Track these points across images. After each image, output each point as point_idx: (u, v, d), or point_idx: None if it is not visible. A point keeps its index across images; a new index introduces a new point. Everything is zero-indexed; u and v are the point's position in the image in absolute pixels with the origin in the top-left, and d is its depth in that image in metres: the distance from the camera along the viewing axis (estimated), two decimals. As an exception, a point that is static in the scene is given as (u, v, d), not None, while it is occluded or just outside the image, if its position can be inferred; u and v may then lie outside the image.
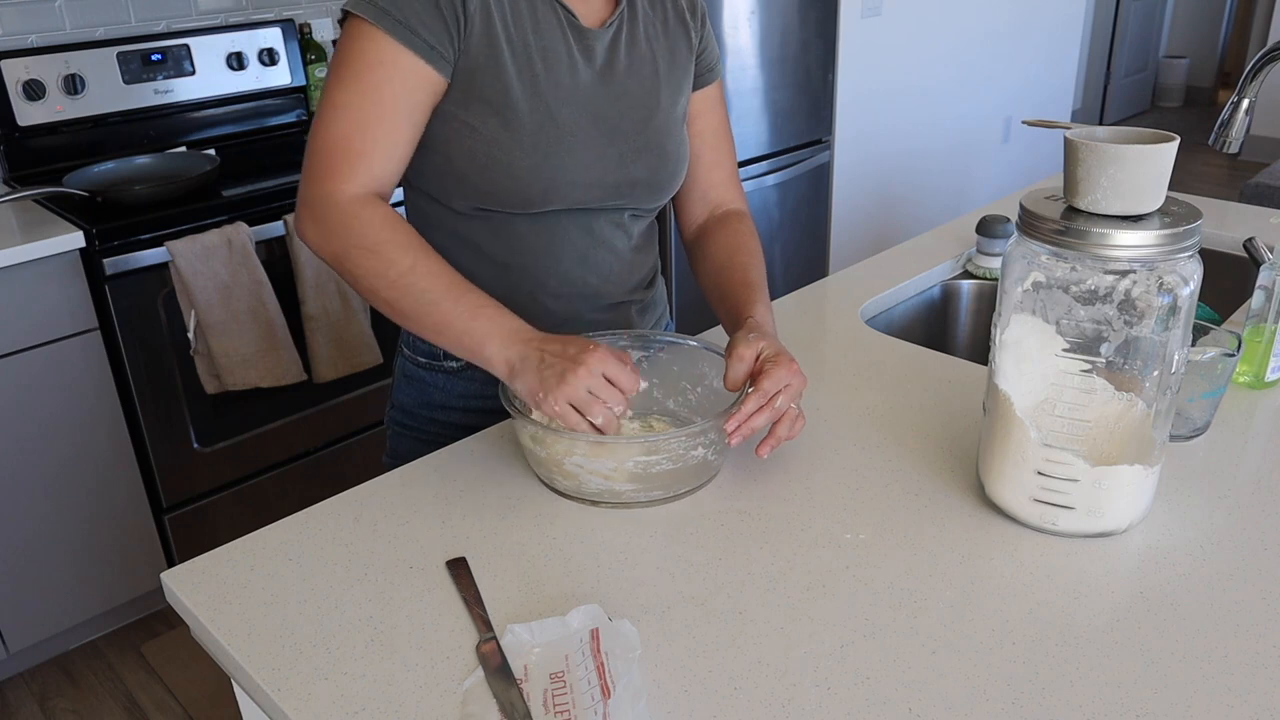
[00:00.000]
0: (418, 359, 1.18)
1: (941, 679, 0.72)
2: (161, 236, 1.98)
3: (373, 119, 0.95)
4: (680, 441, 0.90)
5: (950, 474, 0.97)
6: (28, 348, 1.91)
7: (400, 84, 0.95)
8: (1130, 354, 0.81)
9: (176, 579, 0.85)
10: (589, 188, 1.06)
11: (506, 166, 1.01)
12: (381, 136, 0.96)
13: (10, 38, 2.24)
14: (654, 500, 0.93)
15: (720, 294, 1.11)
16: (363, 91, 0.95)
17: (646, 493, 0.92)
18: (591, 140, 1.04)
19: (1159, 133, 0.78)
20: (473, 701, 0.70)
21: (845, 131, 3.46)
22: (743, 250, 1.15)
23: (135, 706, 2.05)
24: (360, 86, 0.95)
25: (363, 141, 0.95)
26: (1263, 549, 0.85)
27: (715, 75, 1.19)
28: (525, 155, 1.01)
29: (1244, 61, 6.98)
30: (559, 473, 0.92)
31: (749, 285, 1.09)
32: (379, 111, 0.95)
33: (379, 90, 0.95)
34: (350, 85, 0.95)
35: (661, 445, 0.89)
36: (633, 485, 0.91)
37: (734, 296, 1.08)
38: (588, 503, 0.93)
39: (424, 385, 1.18)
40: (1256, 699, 0.69)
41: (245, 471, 2.27)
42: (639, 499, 0.92)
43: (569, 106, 1.02)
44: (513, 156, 1.00)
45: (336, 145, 0.95)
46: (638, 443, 0.90)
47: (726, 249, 1.15)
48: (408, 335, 1.18)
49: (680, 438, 0.90)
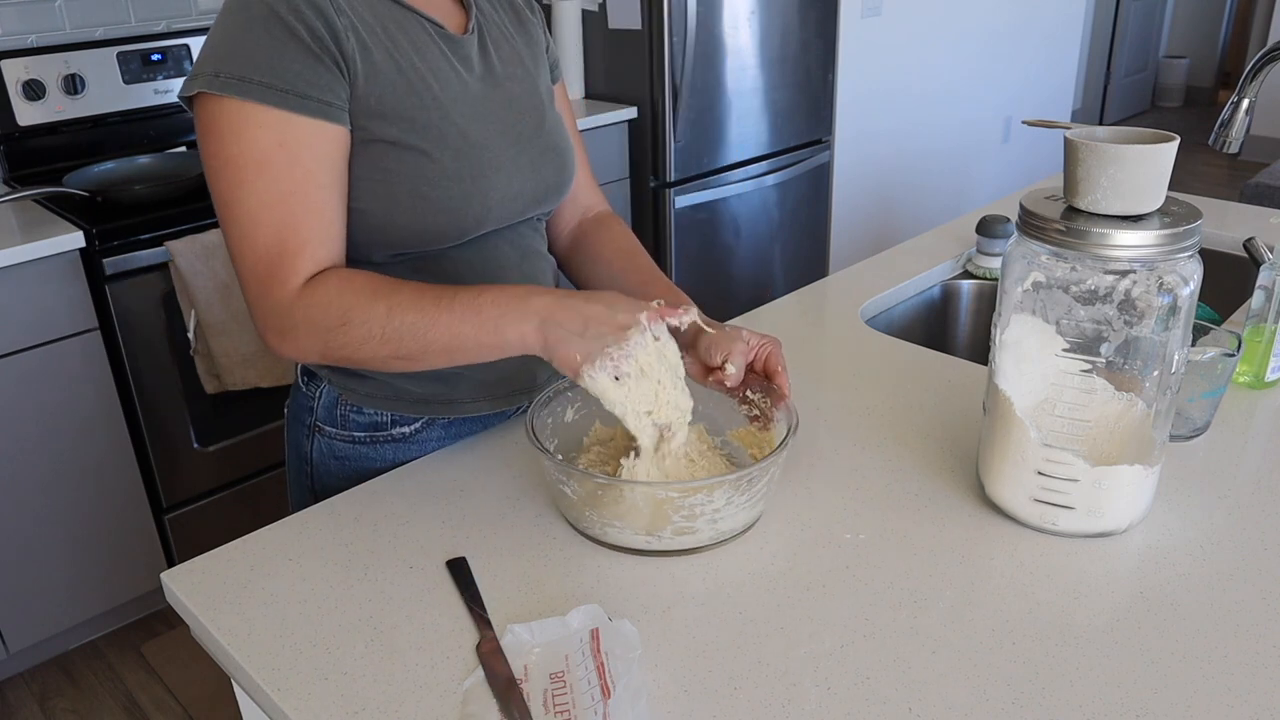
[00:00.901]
0: (354, 435, 1.06)
1: (941, 679, 0.72)
2: (161, 236, 1.98)
3: (298, 211, 0.86)
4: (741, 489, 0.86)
5: (950, 474, 0.97)
6: (28, 348, 1.91)
7: (311, 158, 0.86)
8: (1130, 354, 0.81)
9: (176, 579, 0.85)
10: (514, 201, 1.01)
11: (435, 201, 0.93)
12: (313, 223, 0.87)
13: (10, 38, 2.24)
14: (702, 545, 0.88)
15: (637, 297, 1.08)
16: (275, 184, 0.85)
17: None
18: (505, 152, 0.99)
19: (1159, 133, 0.78)
20: (473, 701, 0.70)
21: (845, 131, 3.46)
22: (639, 252, 1.12)
23: (135, 706, 2.05)
24: (269, 180, 0.85)
25: (296, 238, 0.86)
26: (1263, 549, 0.85)
27: (560, 72, 1.15)
28: (455, 183, 0.94)
29: (1244, 61, 6.98)
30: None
31: (670, 287, 1.06)
32: (301, 198, 0.86)
33: (291, 175, 0.85)
34: (257, 184, 0.85)
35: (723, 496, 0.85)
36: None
37: (655, 296, 1.05)
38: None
39: (363, 460, 1.07)
40: (1256, 699, 0.69)
41: (245, 471, 2.27)
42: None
43: (475, 122, 0.96)
44: (441, 189, 0.93)
45: (269, 252, 0.86)
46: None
47: (621, 252, 1.12)
48: (333, 414, 1.06)
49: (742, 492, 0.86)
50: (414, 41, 0.94)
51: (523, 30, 1.08)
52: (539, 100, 1.05)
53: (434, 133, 0.93)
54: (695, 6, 2.71)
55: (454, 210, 0.95)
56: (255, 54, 0.85)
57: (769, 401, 0.96)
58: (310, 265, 0.87)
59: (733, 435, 1.00)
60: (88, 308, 1.96)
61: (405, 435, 1.07)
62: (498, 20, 1.05)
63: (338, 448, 1.08)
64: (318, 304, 0.86)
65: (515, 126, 1.01)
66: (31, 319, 1.90)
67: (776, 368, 0.95)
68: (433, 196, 0.93)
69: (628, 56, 2.82)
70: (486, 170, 0.97)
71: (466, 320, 0.85)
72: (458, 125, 0.95)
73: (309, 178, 0.86)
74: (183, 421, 2.13)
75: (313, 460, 1.09)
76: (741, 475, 0.84)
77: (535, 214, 1.07)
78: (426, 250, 0.98)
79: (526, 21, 1.09)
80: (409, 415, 1.06)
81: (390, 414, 1.05)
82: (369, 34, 0.90)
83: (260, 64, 0.84)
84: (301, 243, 0.86)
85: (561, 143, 1.07)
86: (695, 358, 0.96)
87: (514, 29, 1.07)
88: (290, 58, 0.85)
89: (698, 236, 2.99)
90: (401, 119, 0.91)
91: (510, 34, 1.06)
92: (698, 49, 2.78)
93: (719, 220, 3.03)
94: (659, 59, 2.75)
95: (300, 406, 1.09)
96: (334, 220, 0.89)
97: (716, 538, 0.86)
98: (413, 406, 1.05)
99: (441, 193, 0.94)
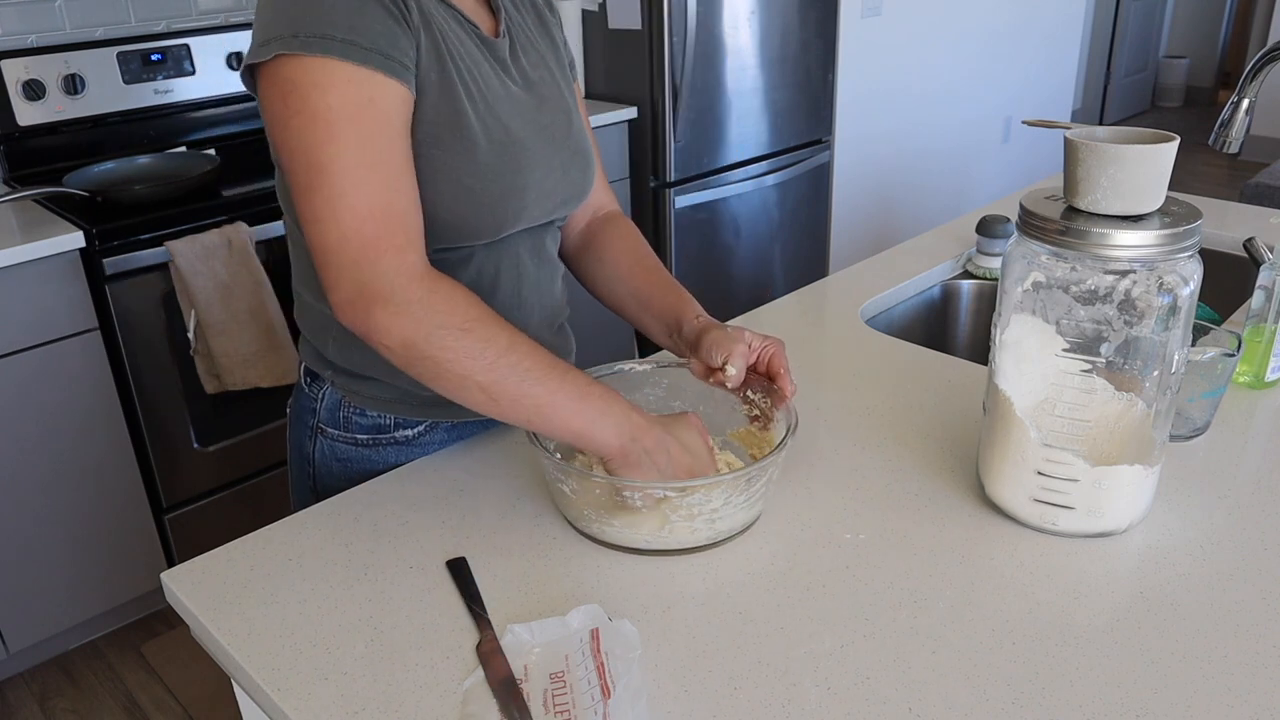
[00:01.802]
0: (356, 437, 1.06)
1: (941, 679, 0.72)
2: (161, 236, 1.98)
3: (397, 170, 0.84)
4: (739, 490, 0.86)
5: (950, 474, 0.97)
6: (28, 348, 1.91)
7: (401, 120, 0.84)
8: (1130, 354, 0.81)
9: (176, 579, 0.85)
10: (546, 200, 1.01)
11: (478, 193, 0.92)
12: (409, 187, 0.85)
13: (10, 38, 2.24)
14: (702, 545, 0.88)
15: (643, 298, 1.08)
16: (371, 143, 0.82)
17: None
18: (541, 152, 0.99)
19: (1159, 133, 0.78)
20: (473, 701, 0.70)
21: (845, 131, 3.46)
22: (649, 254, 1.13)
23: (135, 706, 2.05)
24: (365, 138, 0.81)
25: (402, 200, 0.83)
26: (1263, 549, 0.85)
27: (576, 72, 1.15)
28: (497, 177, 0.93)
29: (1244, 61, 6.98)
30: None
31: (676, 287, 1.08)
32: (398, 160, 0.84)
33: (385, 135, 0.83)
34: (351, 141, 0.81)
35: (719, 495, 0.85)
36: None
37: (664, 299, 1.06)
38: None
39: (366, 463, 1.07)
40: (1256, 699, 0.69)
41: (245, 471, 2.27)
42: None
43: (516, 120, 0.96)
44: (484, 181, 0.92)
45: (376, 213, 0.81)
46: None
47: (631, 253, 1.12)
48: (336, 416, 1.05)
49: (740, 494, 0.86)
50: (457, 37, 0.93)
51: (545, 34, 1.07)
52: (566, 104, 1.05)
53: (481, 124, 0.92)
54: (695, 6, 2.71)
55: (494, 204, 0.94)
56: (333, 13, 0.81)
57: (769, 402, 0.96)
58: (417, 238, 0.84)
59: (733, 435, 1.01)
60: (88, 308, 1.96)
61: (408, 438, 1.07)
62: (523, 24, 1.05)
63: (340, 449, 1.07)
64: (445, 298, 0.83)
65: (549, 128, 1.01)
66: (31, 319, 1.90)
67: (779, 369, 0.96)
68: (476, 189, 0.92)
69: (628, 56, 2.82)
70: (525, 166, 0.96)
71: (571, 397, 0.84)
72: (501, 120, 0.94)
73: (397, 141, 0.84)
74: (183, 421, 2.13)
75: (315, 461, 1.09)
76: (739, 475, 0.84)
77: (560, 215, 1.07)
78: (458, 246, 0.96)
79: (549, 23, 1.09)
80: (412, 418, 1.06)
81: (393, 417, 1.05)
82: (423, 20, 0.88)
83: (340, 23, 0.81)
84: (406, 208, 0.84)
85: (586, 146, 1.07)
86: (697, 357, 0.97)
87: (538, 32, 1.06)
88: (372, 17, 0.82)
89: (698, 236, 2.99)
90: (450, 105, 0.90)
91: (535, 38, 1.05)
92: (698, 49, 2.78)
93: (719, 220, 3.03)
94: (659, 59, 2.75)
95: (303, 407, 1.09)
96: (416, 190, 0.86)
97: (715, 537, 0.87)
98: (416, 410, 1.05)
99: (484, 185, 0.92)
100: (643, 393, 1.04)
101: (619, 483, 0.84)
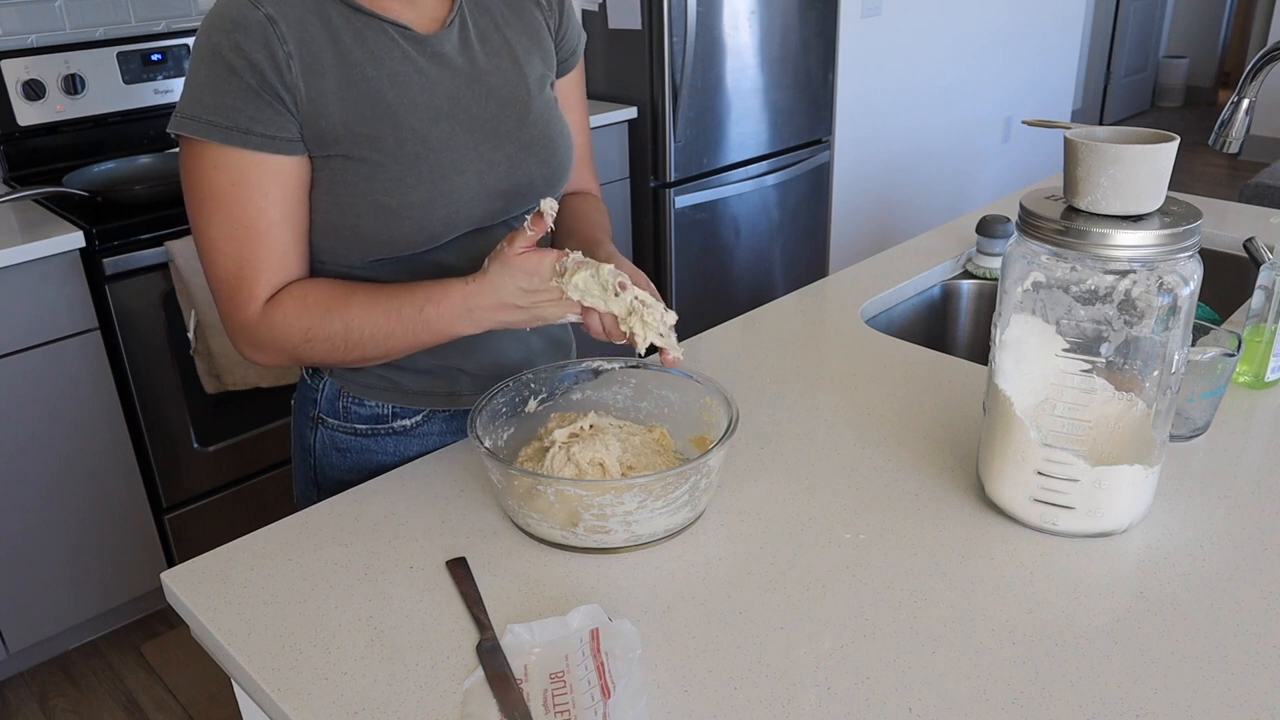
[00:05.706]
0: (355, 427, 1.08)
1: (941, 679, 0.72)
2: (161, 236, 1.98)
3: (251, 243, 0.91)
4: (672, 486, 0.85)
5: (950, 474, 0.97)
6: (28, 348, 1.91)
7: (262, 194, 0.90)
8: (1130, 354, 0.81)
9: (176, 579, 0.85)
10: (487, 201, 0.99)
11: (397, 209, 0.94)
12: (265, 254, 0.92)
13: (10, 38, 2.24)
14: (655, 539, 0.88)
15: (566, 230, 1.10)
16: (230, 219, 0.90)
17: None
18: (474, 151, 0.98)
19: (1159, 133, 0.78)
20: (473, 701, 0.70)
21: (845, 131, 3.46)
22: (598, 211, 1.13)
23: (135, 706, 2.05)
24: (224, 215, 0.90)
25: (252, 268, 0.92)
26: (1263, 549, 0.85)
27: (577, 59, 1.12)
28: (413, 189, 0.94)
29: (1244, 61, 6.98)
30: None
31: (606, 232, 1.09)
32: (254, 233, 0.91)
33: (244, 211, 0.90)
34: (215, 217, 0.90)
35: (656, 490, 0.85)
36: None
37: (587, 235, 1.06)
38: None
39: (365, 453, 1.09)
40: (1256, 699, 0.69)
41: (245, 471, 2.27)
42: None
43: (438, 123, 0.96)
44: (399, 196, 0.94)
45: (229, 279, 0.92)
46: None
47: (579, 213, 1.12)
48: (336, 406, 1.08)
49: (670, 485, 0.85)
50: (370, 49, 0.93)
51: (519, 17, 1.04)
52: (524, 92, 1.02)
53: (386, 142, 0.93)
54: (695, 6, 2.71)
55: (418, 215, 0.95)
56: (204, 93, 0.88)
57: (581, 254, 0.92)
58: (267, 290, 0.93)
59: (692, 440, 1.00)
60: (88, 308, 1.96)
61: (407, 428, 1.08)
62: (489, 8, 1.02)
63: (339, 439, 1.08)
64: (279, 325, 0.93)
65: (491, 122, 0.99)
66: (31, 319, 1.90)
67: (631, 274, 0.93)
68: (393, 205, 0.94)
69: (628, 56, 2.82)
70: (449, 172, 0.96)
71: (419, 330, 0.93)
72: (414, 130, 0.94)
73: (261, 214, 0.91)
74: (183, 421, 2.13)
75: (315, 452, 1.10)
76: (653, 479, 0.83)
77: (522, 210, 1.04)
78: (402, 255, 0.98)
79: (523, 6, 1.05)
80: (410, 407, 1.06)
81: (392, 406, 1.06)
82: (313, 57, 0.90)
83: (208, 102, 0.88)
84: (257, 273, 0.92)
85: (552, 133, 1.04)
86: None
87: (509, 15, 1.04)
88: (233, 95, 0.88)
89: (698, 236, 2.99)
90: (352, 134, 0.92)
91: (500, 23, 1.03)
92: (698, 49, 2.78)
93: (719, 220, 3.03)
94: (659, 59, 2.75)
95: (304, 398, 1.11)
96: (288, 249, 0.94)
97: (633, 540, 0.86)
98: (414, 399, 1.06)
99: (401, 200, 0.94)
100: (611, 390, 1.05)
101: (530, 475, 0.86)
